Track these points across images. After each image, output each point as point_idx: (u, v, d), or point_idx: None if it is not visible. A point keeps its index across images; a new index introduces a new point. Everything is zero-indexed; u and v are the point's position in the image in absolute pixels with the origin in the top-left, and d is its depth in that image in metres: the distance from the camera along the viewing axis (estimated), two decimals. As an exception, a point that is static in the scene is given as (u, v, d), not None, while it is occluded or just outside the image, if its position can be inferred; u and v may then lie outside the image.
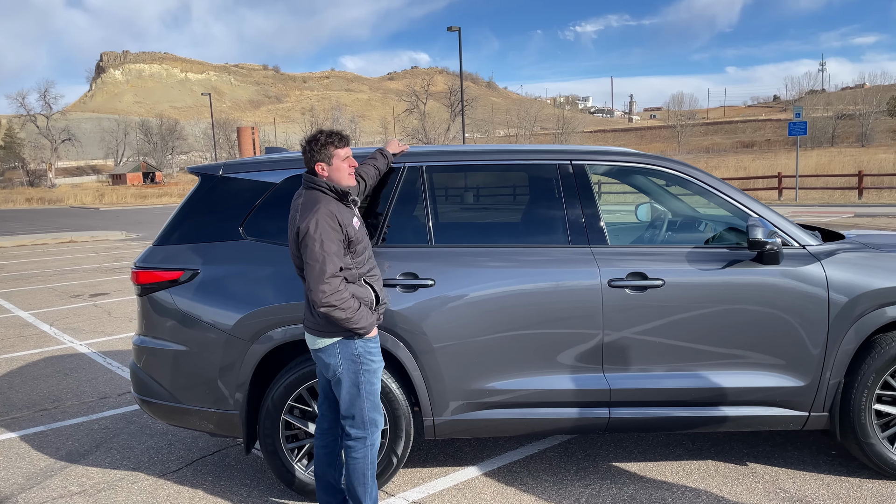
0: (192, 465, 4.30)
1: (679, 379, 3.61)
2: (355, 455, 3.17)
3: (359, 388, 3.13)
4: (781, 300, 3.55)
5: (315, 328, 3.11)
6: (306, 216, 3.02)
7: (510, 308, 3.60)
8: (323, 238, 2.98)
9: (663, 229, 4.36)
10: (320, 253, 2.97)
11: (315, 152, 3.14)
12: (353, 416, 3.16)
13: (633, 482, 3.80)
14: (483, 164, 3.92)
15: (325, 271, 2.95)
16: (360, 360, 3.11)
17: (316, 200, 3.08)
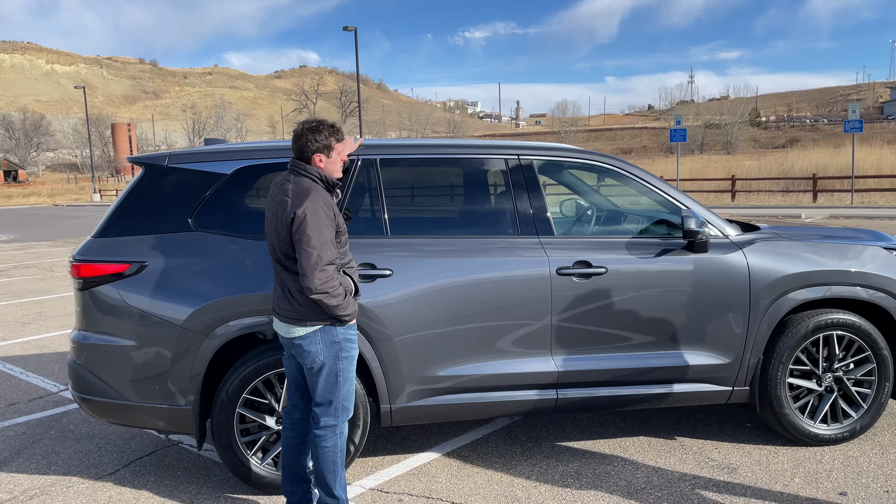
0: (129, 466, 4.14)
1: (621, 360, 3.88)
2: (325, 444, 3.18)
3: (337, 376, 3.14)
4: (709, 285, 3.90)
5: (295, 316, 3.08)
6: (302, 203, 2.99)
7: (465, 296, 3.73)
8: (321, 226, 2.98)
9: (600, 221, 4.64)
10: (318, 240, 2.96)
11: (318, 142, 3.12)
12: (328, 404, 3.16)
13: (576, 459, 4.03)
14: (436, 157, 4.04)
15: (323, 258, 2.96)
16: (340, 347, 3.13)
17: (308, 189, 3.06)
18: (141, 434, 4.61)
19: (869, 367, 4.09)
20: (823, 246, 4.10)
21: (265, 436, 3.69)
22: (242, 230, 3.75)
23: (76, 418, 4.98)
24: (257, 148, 3.95)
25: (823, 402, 4.09)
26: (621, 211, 4.85)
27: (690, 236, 3.80)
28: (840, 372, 4.09)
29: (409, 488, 3.74)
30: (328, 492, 3.21)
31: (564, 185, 4.96)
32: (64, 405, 5.26)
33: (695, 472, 3.82)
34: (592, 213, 4.87)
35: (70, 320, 8.44)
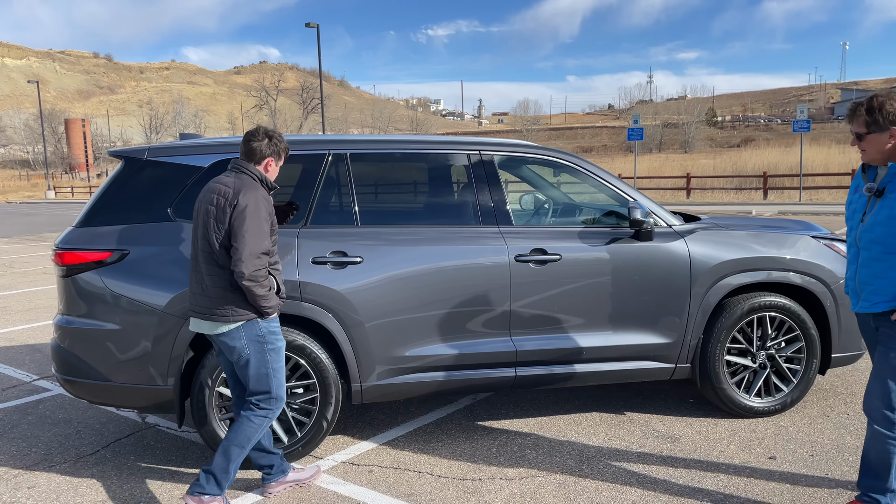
0: (108, 447, 4.32)
1: (574, 339, 4.20)
2: (253, 421, 3.33)
3: (267, 367, 3.31)
4: (653, 270, 4.25)
5: (218, 314, 3.23)
6: (247, 195, 3.20)
7: (430, 281, 4.01)
8: (260, 218, 3.20)
9: (556, 213, 4.97)
10: (256, 229, 3.17)
11: (273, 148, 3.36)
12: (265, 394, 3.33)
13: (533, 433, 4.34)
14: (403, 152, 4.31)
15: (259, 247, 3.16)
16: (265, 340, 3.29)
17: (252, 185, 3.28)
18: (118, 418, 4.78)
19: (798, 345, 4.48)
20: (758, 235, 4.48)
21: (242, 414, 3.91)
22: (219, 220, 3.96)
23: (52, 405, 5.12)
24: (233, 142, 4.16)
25: (757, 377, 4.48)
26: (576, 204, 5.18)
27: (636, 225, 4.14)
28: (773, 350, 4.47)
29: (378, 461, 4.00)
30: (222, 467, 3.31)
31: (524, 179, 5.27)
32: (39, 393, 5.39)
33: (641, 442, 4.16)
34: (549, 205, 5.19)
35: (34, 314, 8.48)
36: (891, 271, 2.93)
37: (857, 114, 2.94)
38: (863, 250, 3.03)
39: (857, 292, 3.10)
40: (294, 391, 3.97)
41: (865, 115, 2.91)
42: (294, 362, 3.91)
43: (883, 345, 3.01)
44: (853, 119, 2.97)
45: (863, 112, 2.92)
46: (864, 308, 3.06)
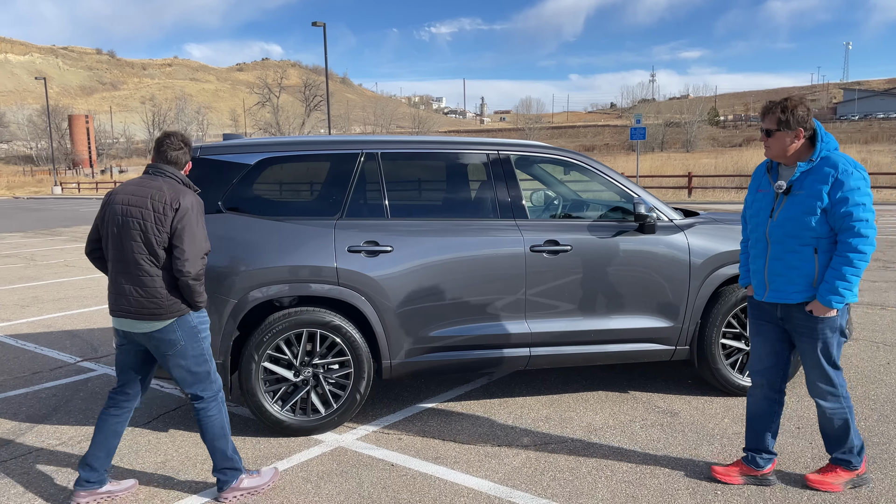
0: (158, 418, 4.76)
1: (583, 322, 4.62)
2: (210, 413, 3.50)
3: (203, 354, 3.49)
4: (656, 261, 4.67)
5: (156, 313, 3.33)
6: (185, 198, 3.34)
7: (453, 269, 4.44)
8: (199, 220, 3.38)
9: (567, 208, 5.39)
10: (199, 231, 3.35)
11: (190, 154, 3.59)
12: (203, 380, 3.50)
13: (545, 408, 4.77)
14: (429, 151, 4.74)
15: (203, 248, 3.36)
16: (198, 330, 3.45)
17: (186, 188, 3.45)
18: (163, 394, 5.21)
19: (788, 330, 4.90)
20: None
21: (284, 387, 4.34)
22: (264, 212, 4.40)
23: (99, 383, 5.56)
24: (275, 142, 4.60)
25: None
26: (585, 200, 5.60)
27: (640, 219, 4.57)
28: (764, 334, 4.89)
29: (405, 430, 4.43)
30: (223, 456, 3.52)
31: (536, 177, 5.70)
32: (84, 373, 5.82)
33: (643, 416, 4.59)
34: (560, 201, 5.62)
35: (66, 303, 8.92)
36: (802, 263, 3.32)
37: (772, 112, 3.33)
38: (774, 244, 3.40)
39: (764, 284, 3.48)
40: (330, 367, 4.39)
41: (779, 113, 3.29)
42: (331, 341, 4.34)
43: (806, 336, 3.37)
44: (766, 116, 3.36)
45: (777, 111, 3.30)
46: (774, 298, 3.43)
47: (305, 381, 4.37)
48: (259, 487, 3.61)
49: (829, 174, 3.21)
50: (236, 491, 3.54)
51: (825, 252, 3.27)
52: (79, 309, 8.54)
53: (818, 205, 3.22)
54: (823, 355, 3.36)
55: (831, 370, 3.39)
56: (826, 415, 3.48)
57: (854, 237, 3.17)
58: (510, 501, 3.48)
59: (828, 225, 3.25)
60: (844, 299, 3.22)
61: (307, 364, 4.35)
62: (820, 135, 3.28)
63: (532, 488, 3.61)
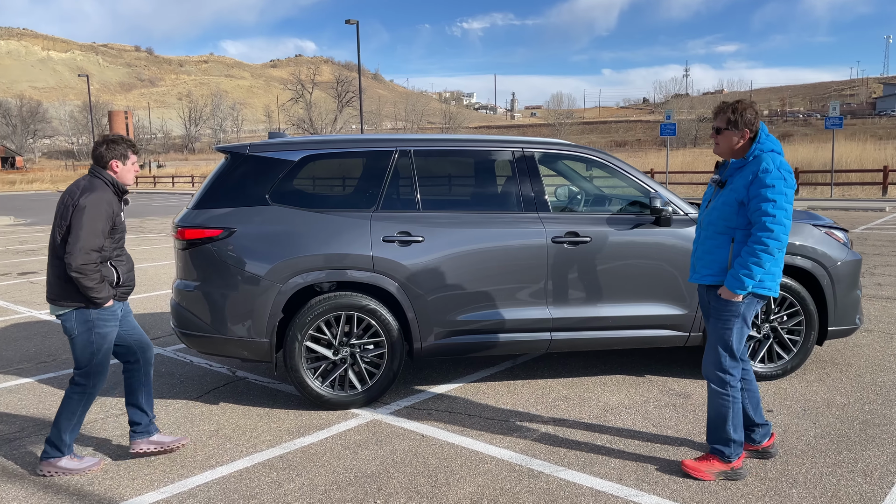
0: (209, 393, 5.20)
1: (602, 309, 4.95)
2: (72, 396, 3.83)
3: (91, 347, 3.78)
4: (671, 252, 4.96)
5: (57, 298, 3.74)
6: (87, 195, 3.67)
7: (480, 258, 4.80)
8: (95, 216, 3.63)
9: (588, 202, 5.71)
10: (90, 228, 3.61)
11: (114, 151, 3.82)
12: (83, 369, 3.83)
13: (565, 389, 5.11)
14: (457, 149, 5.10)
15: (90, 244, 3.60)
16: (93, 325, 3.74)
17: (98, 187, 3.75)
18: (211, 372, 5.67)
19: (798, 319, 5.16)
20: None
21: (324, 364, 4.74)
22: (307, 204, 4.80)
23: (154, 361, 6.02)
24: (318, 140, 5.00)
25: (762, 346, 5.17)
26: (606, 195, 5.91)
27: (656, 213, 4.87)
28: (775, 323, 5.16)
29: (434, 406, 4.81)
30: (58, 434, 3.82)
31: (560, 173, 6.02)
32: (139, 353, 6.30)
33: (658, 397, 4.90)
34: (581, 196, 5.93)
35: (118, 291, 9.46)
36: (718, 249, 3.63)
37: (723, 112, 3.63)
38: (702, 231, 3.75)
39: (693, 266, 3.81)
40: (366, 347, 4.78)
41: (730, 114, 3.59)
42: (366, 323, 4.73)
43: (712, 317, 3.68)
44: (718, 115, 3.67)
45: (728, 111, 3.60)
46: (696, 279, 3.78)
47: (343, 360, 4.76)
48: (73, 470, 3.85)
49: (751, 172, 3.52)
50: (52, 467, 3.84)
51: (740, 242, 3.58)
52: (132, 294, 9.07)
53: (737, 198, 3.54)
54: (720, 338, 3.64)
55: (725, 355, 3.64)
56: (711, 400, 3.71)
57: (761, 230, 3.45)
58: (530, 469, 3.83)
59: (746, 218, 3.55)
60: (745, 286, 3.49)
61: (345, 344, 4.75)
62: (759, 136, 3.58)
63: (550, 458, 3.96)
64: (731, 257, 3.59)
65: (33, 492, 3.69)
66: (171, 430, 4.47)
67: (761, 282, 3.54)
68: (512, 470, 3.82)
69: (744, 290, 3.51)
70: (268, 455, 4.08)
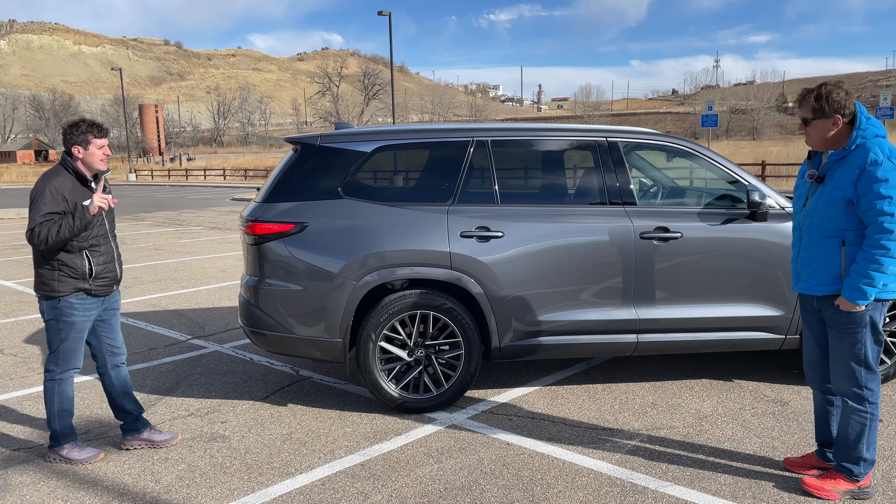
0: (275, 393, 5.00)
1: (692, 310, 4.64)
2: (46, 384, 3.87)
3: (59, 334, 3.80)
4: (767, 248, 4.64)
5: (35, 286, 3.82)
6: (39, 182, 3.70)
7: (562, 254, 4.52)
8: (38, 204, 3.62)
9: (673, 195, 5.40)
10: (35, 210, 3.62)
11: (73, 136, 3.73)
12: (52, 353, 3.85)
13: (650, 394, 4.82)
14: (537, 138, 4.81)
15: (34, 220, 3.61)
16: (60, 313, 3.77)
17: (55, 173, 3.73)
18: (275, 371, 5.47)
19: (901, 321, 4.81)
20: None
21: (398, 366, 4.51)
22: (380, 198, 4.56)
23: (213, 359, 5.86)
24: (391, 130, 4.76)
25: (861, 350, 4.82)
26: (682, 187, 5.59)
27: (754, 207, 4.54)
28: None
29: (514, 412, 4.55)
30: (48, 422, 3.89)
31: (634, 166, 5.70)
32: (197, 350, 6.14)
33: (753, 405, 4.59)
34: (658, 188, 5.61)
35: (165, 284, 9.36)
36: (827, 255, 3.23)
37: (806, 100, 3.22)
38: (805, 234, 3.34)
39: (798, 273, 3.42)
40: (441, 348, 4.54)
41: (814, 101, 3.18)
42: (443, 323, 4.48)
43: (835, 330, 3.30)
44: (802, 105, 3.25)
45: (811, 99, 3.19)
46: (804, 289, 3.38)
47: (418, 361, 4.53)
48: (73, 460, 3.87)
49: (857, 164, 3.11)
50: (55, 454, 3.90)
51: (853, 245, 3.18)
52: (178, 290, 8.96)
53: (843, 196, 3.15)
54: (850, 352, 3.27)
55: (859, 369, 3.26)
56: (845, 415, 3.35)
57: (878, 232, 3.07)
58: (632, 483, 3.56)
59: (856, 217, 3.16)
60: (867, 295, 3.13)
61: (420, 345, 4.51)
62: (858, 121, 3.17)
63: (652, 472, 3.68)
64: (844, 263, 3.21)
65: (108, 500, 3.51)
66: (242, 433, 4.28)
67: (885, 286, 3.18)
68: (613, 484, 3.55)
69: (866, 300, 3.15)
70: (348, 462, 3.86)
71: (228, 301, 8.18)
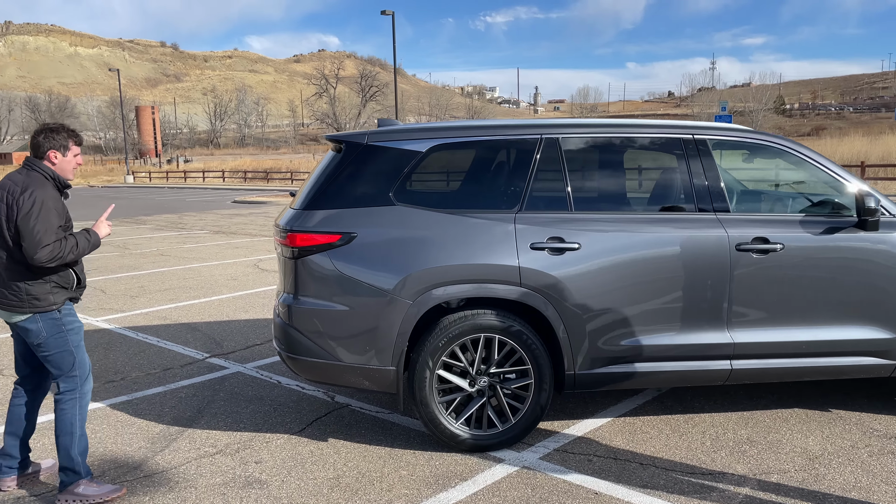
0: (312, 425, 4.40)
1: (794, 333, 4.05)
2: (64, 407, 3.43)
3: (66, 346, 3.41)
4: (880, 262, 4.05)
5: (15, 305, 3.33)
6: (30, 193, 3.26)
7: (647, 269, 3.93)
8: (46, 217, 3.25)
9: (767, 199, 4.81)
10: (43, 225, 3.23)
11: (53, 140, 3.38)
12: (63, 372, 3.43)
13: (742, 428, 4.22)
14: (614, 135, 4.22)
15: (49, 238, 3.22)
16: (63, 323, 3.40)
17: (36, 183, 3.32)
18: (307, 396, 4.86)
19: None
20: None
21: (458, 397, 3.92)
22: (438, 204, 3.97)
23: (236, 382, 5.25)
24: (448, 127, 4.16)
25: (978, 377, 4.24)
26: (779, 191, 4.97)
27: (867, 214, 3.96)
28: None
29: (592, 450, 3.95)
30: (66, 454, 3.42)
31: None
32: (217, 371, 5.53)
33: (864, 441, 4.00)
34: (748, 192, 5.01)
35: (174, 294, 8.74)
36: None
37: None
38: None
39: None
40: (507, 376, 3.95)
41: None
42: (510, 348, 3.89)
43: None
44: None
45: None
46: None
47: (481, 392, 3.94)
48: (92, 496, 3.42)
49: None
50: (70, 495, 3.41)
51: None
52: (189, 300, 8.34)
53: None
54: None
55: None
56: None
57: None
58: (760, 546, 2.97)
59: None
60: None
61: (483, 373, 3.92)
62: None
63: (777, 529, 3.09)
64: None
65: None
66: (281, 477, 3.67)
67: None
68: (738, 549, 2.96)
69: None
70: (412, 518, 3.26)
71: (244, 313, 7.57)
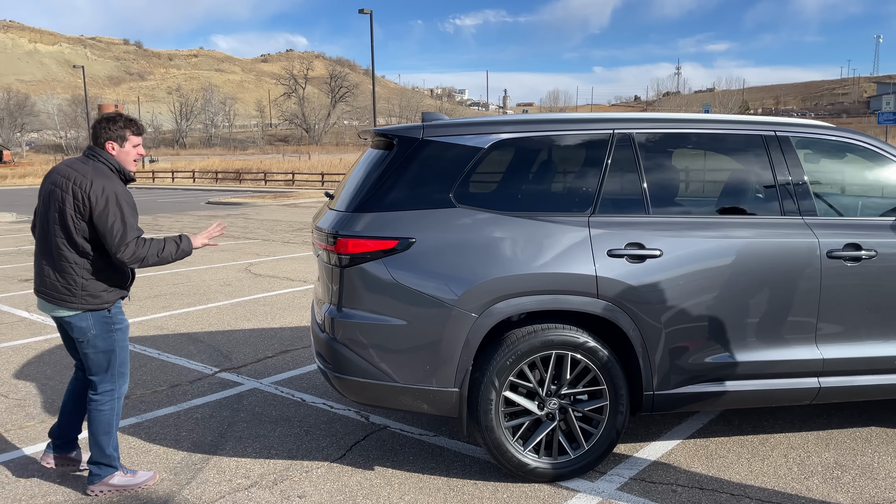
0: (352, 450, 3.95)
1: (886, 347, 3.73)
2: (102, 408, 3.40)
3: (112, 345, 3.38)
4: (975, 271, 3.75)
5: (63, 300, 3.27)
6: (102, 184, 3.19)
7: (733, 279, 3.57)
8: (127, 209, 3.22)
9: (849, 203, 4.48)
10: (129, 217, 3.22)
11: (110, 131, 3.32)
12: (105, 371, 3.40)
13: (823, 450, 3.89)
14: (692, 131, 3.85)
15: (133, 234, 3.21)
16: (114, 321, 3.38)
17: (104, 174, 3.25)
18: (340, 417, 4.42)
19: None
20: None
21: (525, 421, 3.51)
22: (503, 206, 3.56)
23: (255, 400, 4.77)
24: (511, 120, 3.77)
25: None
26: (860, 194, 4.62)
27: (970, 219, 3.66)
28: None
29: (672, 479, 3.58)
30: (101, 452, 3.40)
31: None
32: (231, 388, 5.04)
33: (958, 463, 3.70)
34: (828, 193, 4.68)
35: (166, 301, 8.18)
36: None
37: None
38: None
39: None
40: (578, 398, 3.56)
41: None
42: (584, 366, 3.50)
43: None
44: None
45: None
46: None
47: (550, 416, 3.54)
48: (129, 486, 3.46)
49: None
50: (105, 486, 3.43)
51: None
52: (183, 308, 7.79)
53: None
54: None
55: None
56: None
57: None
58: None
59: None
60: None
61: (553, 394, 3.53)
62: None
63: (912, 573, 2.75)
64: None
65: None
66: (333, 516, 3.23)
67: None
68: None
69: None
70: (496, 565, 2.85)
71: (247, 322, 7.06)
